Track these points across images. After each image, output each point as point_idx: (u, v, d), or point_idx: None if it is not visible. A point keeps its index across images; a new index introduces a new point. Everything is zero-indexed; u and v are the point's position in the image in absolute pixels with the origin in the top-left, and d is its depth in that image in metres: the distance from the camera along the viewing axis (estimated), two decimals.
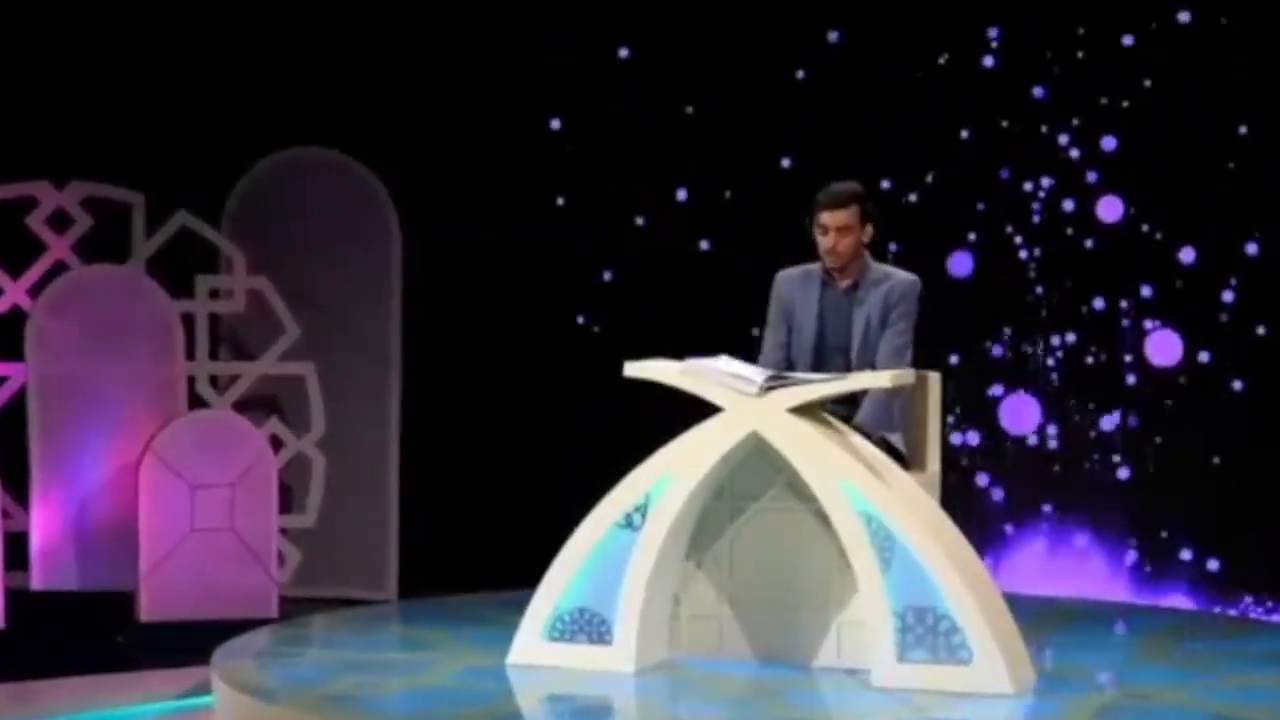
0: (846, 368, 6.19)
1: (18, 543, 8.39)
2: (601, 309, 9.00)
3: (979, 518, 8.29)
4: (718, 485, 5.82)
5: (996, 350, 8.59)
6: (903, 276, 6.30)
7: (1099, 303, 8.49)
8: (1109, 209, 8.48)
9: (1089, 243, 8.50)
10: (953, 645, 5.43)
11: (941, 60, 8.58)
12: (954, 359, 8.45)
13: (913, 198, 8.47)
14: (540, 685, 5.67)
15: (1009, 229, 8.57)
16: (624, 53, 8.91)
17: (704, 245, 8.82)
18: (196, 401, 8.60)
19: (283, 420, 8.77)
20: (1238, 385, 8.30)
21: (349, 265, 8.93)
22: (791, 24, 8.71)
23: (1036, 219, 8.54)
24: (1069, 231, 8.52)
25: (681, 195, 8.87)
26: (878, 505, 5.50)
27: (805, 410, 5.65)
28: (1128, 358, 8.42)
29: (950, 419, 8.37)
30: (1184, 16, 8.35)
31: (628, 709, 5.58)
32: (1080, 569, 8.41)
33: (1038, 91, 8.54)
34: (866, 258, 6.30)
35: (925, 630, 5.45)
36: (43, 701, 6.75)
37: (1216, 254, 8.34)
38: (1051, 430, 8.51)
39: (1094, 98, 8.48)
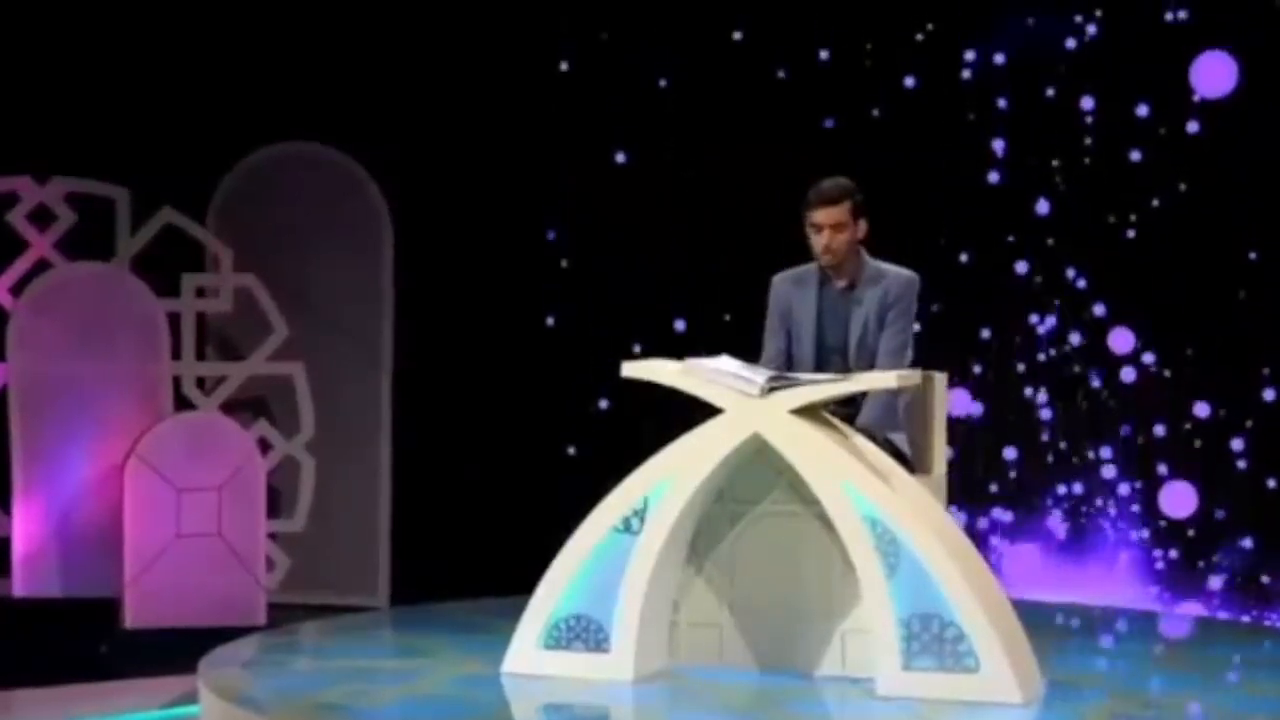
0: (844, 369, 6.19)
1: None
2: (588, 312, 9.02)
3: None
4: (718, 489, 5.82)
5: (999, 499, 8.45)
6: (899, 274, 6.30)
7: (1107, 451, 8.37)
8: (1121, 341, 8.31)
9: (1096, 381, 8.36)
10: (959, 653, 5.43)
11: (947, 168, 8.49)
12: (954, 509, 8.20)
13: (915, 327, 8.41)
14: (536, 694, 5.67)
15: (1014, 359, 8.45)
16: (620, 158, 8.87)
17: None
18: (183, 403, 8.61)
19: (271, 422, 8.77)
20: (1248, 542, 8.20)
21: (339, 262, 8.93)
22: (788, 139, 8.62)
23: (1042, 356, 8.40)
24: (1076, 369, 8.38)
25: (680, 325, 8.81)
26: (882, 509, 5.49)
27: (808, 412, 5.64)
28: (1136, 507, 8.29)
29: None
30: (1193, 127, 8.23)
31: (626, 719, 5.58)
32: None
33: (1042, 207, 8.44)
34: (862, 255, 6.31)
35: (931, 638, 5.44)
36: (24, 711, 6.75)
37: (1231, 400, 8.19)
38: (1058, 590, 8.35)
39: (1102, 215, 8.37)
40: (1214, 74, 8.22)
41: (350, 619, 7.37)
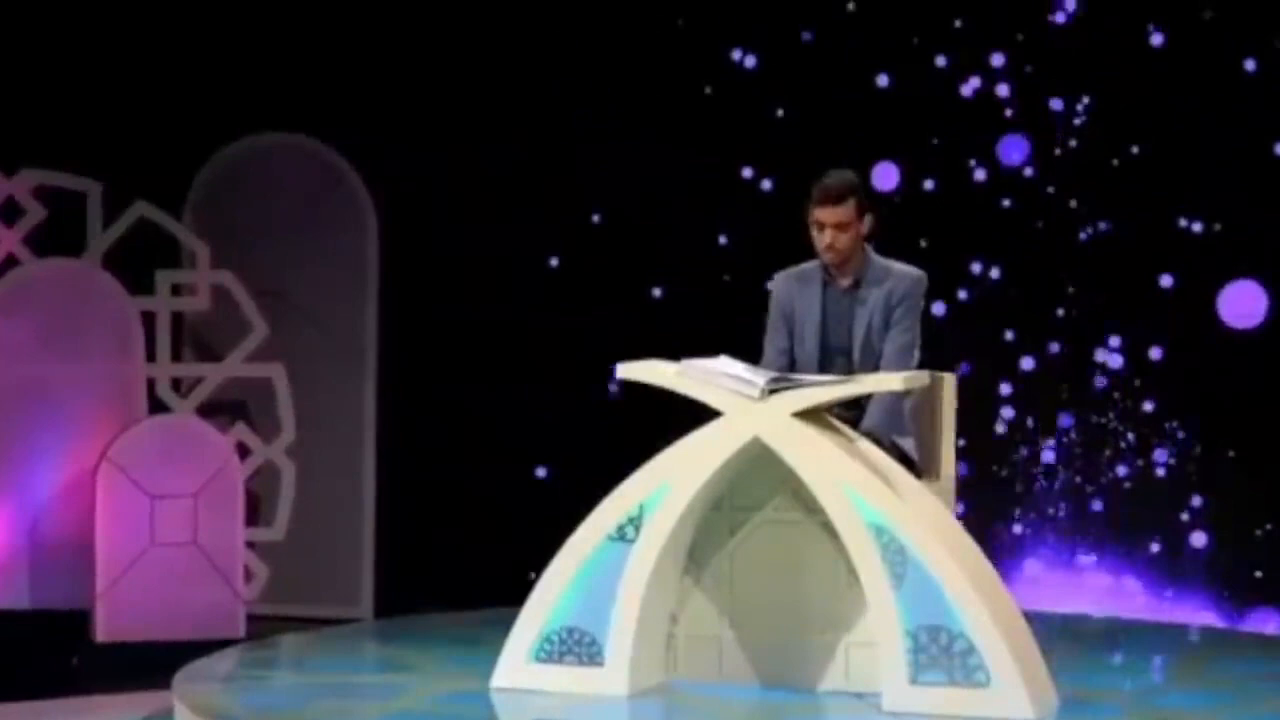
0: (849, 371, 6.17)
1: None
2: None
3: None
4: (717, 495, 5.81)
5: None
6: (905, 271, 6.29)
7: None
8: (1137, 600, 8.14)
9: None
10: (969, 667, 5.42)
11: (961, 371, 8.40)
12: None
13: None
14: (527, 710, 5.67)
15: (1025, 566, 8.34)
16: (614, 389, 8.86)
17: None
18: (157, 405, 8.60)
19: (250, 426, 8.76)
20: None
21: (321, 259, 8.93)
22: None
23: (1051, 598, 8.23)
24: (1083, 581, 8.25)
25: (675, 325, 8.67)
26: (889, 516, 5.49)
27: (810, 415, 5.64)
28: None
29: None
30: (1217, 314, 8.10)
31: None
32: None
33: (1048, 456, 8.33)
34: (868, 253, 6.30)
35: (939, 650, 5.44)
36: None
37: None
38: None
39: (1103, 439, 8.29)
40: (1242, 303, 8.08)
41: (332, 631, 7.37)
